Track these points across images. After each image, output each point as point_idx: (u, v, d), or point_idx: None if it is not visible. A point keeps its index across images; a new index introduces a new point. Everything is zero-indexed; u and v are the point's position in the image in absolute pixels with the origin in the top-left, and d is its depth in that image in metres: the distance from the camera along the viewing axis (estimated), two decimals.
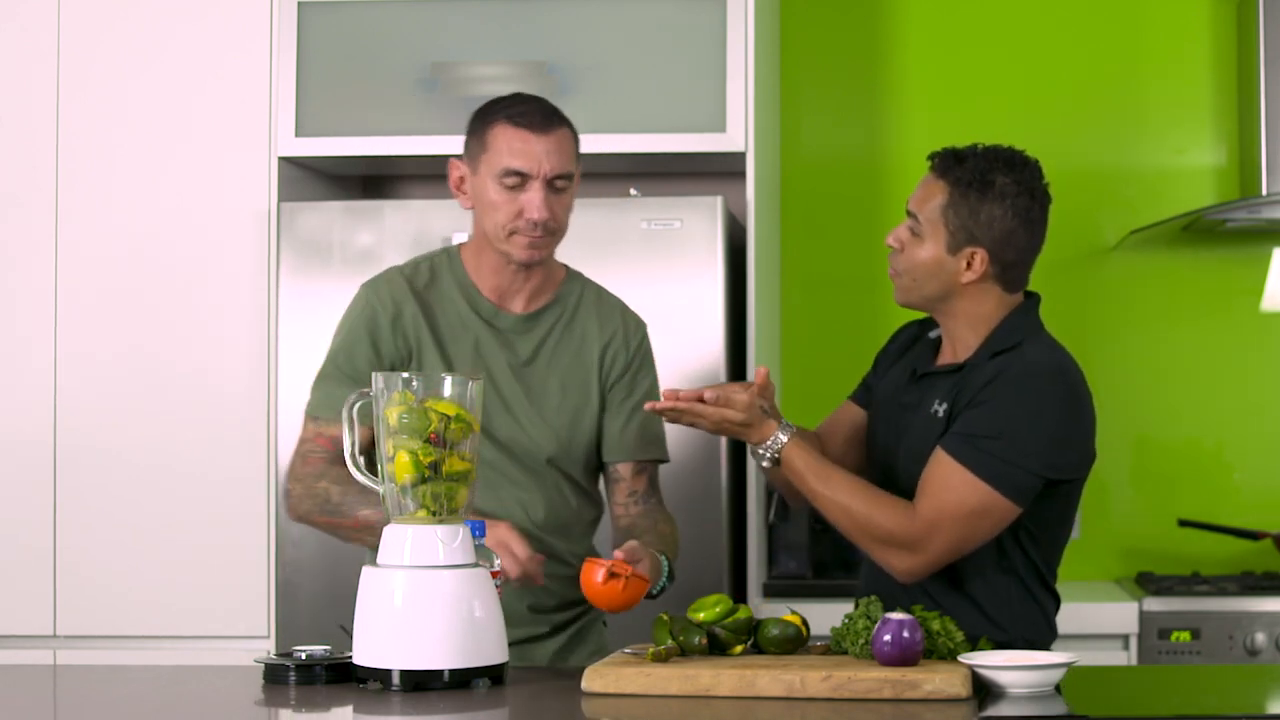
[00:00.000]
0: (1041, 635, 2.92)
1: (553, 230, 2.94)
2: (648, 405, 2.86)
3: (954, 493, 2.77)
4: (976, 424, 2.80)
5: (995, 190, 2.87)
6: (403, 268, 3.03)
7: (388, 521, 2.76)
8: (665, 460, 3.13)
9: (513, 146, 2.91)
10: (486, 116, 2.96)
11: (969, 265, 2.89)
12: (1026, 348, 2.89)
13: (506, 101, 2.97)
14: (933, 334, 3.04)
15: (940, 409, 2.88)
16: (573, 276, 3.07)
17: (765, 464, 2.87)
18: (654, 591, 2.86)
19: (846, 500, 2.83)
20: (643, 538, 2.95)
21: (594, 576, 2.67)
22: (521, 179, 2.90)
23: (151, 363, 4.08)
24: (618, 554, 2.73)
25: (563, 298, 3.04)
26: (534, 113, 2.94)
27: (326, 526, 2.95)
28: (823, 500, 2.84)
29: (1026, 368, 2.85)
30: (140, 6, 4.15)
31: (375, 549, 2.76)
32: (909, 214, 2.94)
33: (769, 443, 2.85)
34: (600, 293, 3.10)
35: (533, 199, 2.90)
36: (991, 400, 2.81)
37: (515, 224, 2.91)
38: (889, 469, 2.95)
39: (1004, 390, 2.81)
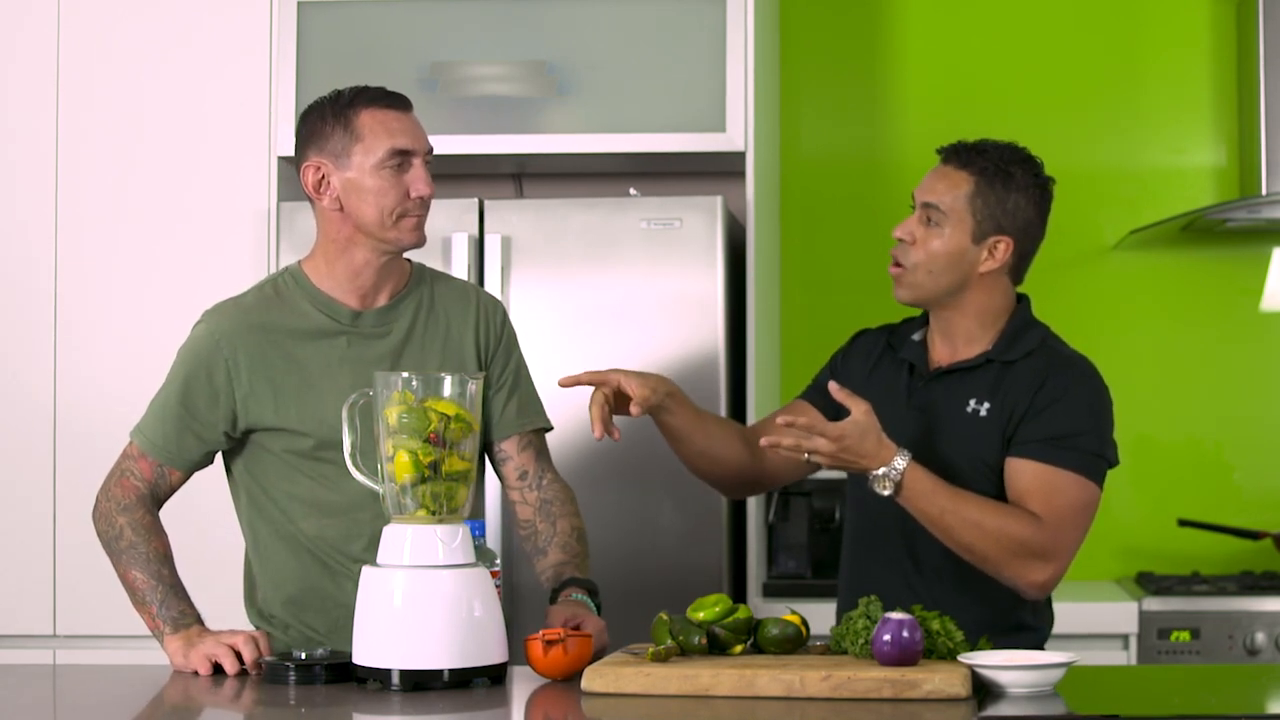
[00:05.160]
0: (1040, 626, 2.97)
1: (429, 206, 2.92)
2: (764, 442, 2.80)
3: (1065, 495, 2.82)
4: (1055, 426, 2.85)
5: (1017, 181, 2.93)
6: (241, 297, 2.98)
7: (148, 600, 2.84)
8: (549, 428, 3.09)
9: (391, 127, 2.87)
10: (345, 109, 2.89)
11: (991, 254, 2.91)
12: (1053, 345, 2.97)
13: (355, 92, 2.90)
14: (916, 336, 3.04)
15: (981, 407, 2.91)
16: (418, 267, 3.04)
17: (887, 490, 2.79)
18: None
19: (978, 515, 2.80)
20: (553, 564, 2.95)
21: (537, 653, 2.62)
22: (404, 158, 2.87)
23: (152, 363, 4.07)
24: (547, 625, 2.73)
25: (416, 286, 2.99)
26: (392, 95, 2.91)
27: (108, 555, 2.94)
28: (951, 518, 2.80)
29: (1071, 364, 2.93)
30: (140, 7, 4.16)
31: (132, 604, 2.87)
32: (924, 205, 2.94)
33: (889, 468, 2.78)
34: (449, 278, 3.07)
35: (419, 175, 2.87)
36: (1059, 399, 2.87)
37: (404, 205, 2.87)
38: None
39: (1065, 388, 2.88)
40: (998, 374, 2.92)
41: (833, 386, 2.83)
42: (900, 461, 2.79)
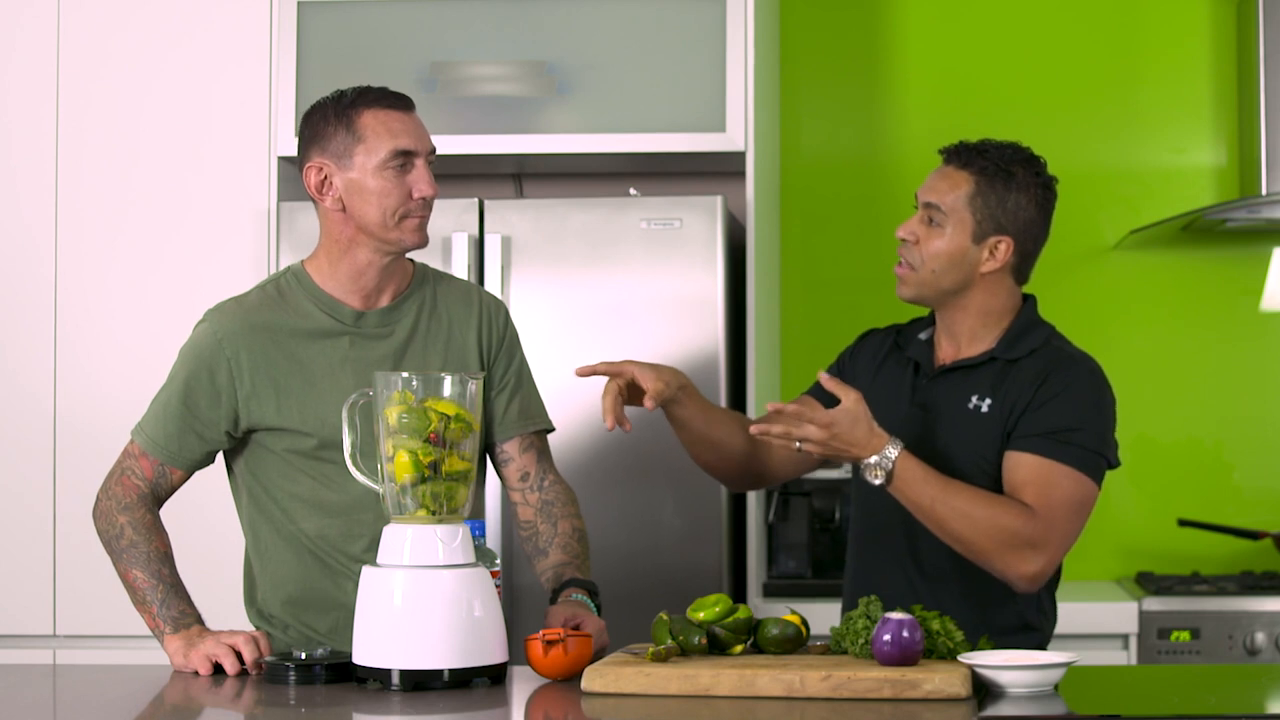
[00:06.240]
0: (1042, 628, 2.96)
1: (432, 206, 2.92)
2: (754, 429, 2.81)
3: (1060, 489, 2.81)
4: (1055, 420, 2.84)
5: (1018, 180, 2.92)
6: (243, 296, 2.97)
7: (148, 600, 2.84)
8: (551, 429, 3.09)
9: (393, 128, 2.87)
10: (347, 110, 2.88)
11: (992, 254, 2.91)
12: (1057, 343, 2.96)
13: (358, 92, 2.90)
14: (923, 335, 3.04)
15: (983, 404, 2.91)
16: (421, 267, 3.04)
17: (878, 479, 2.79)
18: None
19: (968, 505, 2.79)
20: (553, 565, 2.96)
21: (537, 653, 2.62)
22: (407, 158, 2.87)
23: (152, 363, 4.08)
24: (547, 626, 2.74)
25: (419, 286, 3.00)
26: (395, 95, 2.90)
27: (108, 554, 2.94)
28: (942, 508, 2.79)
29: (1075, 361, 2.92)
30: (140, 7, 4.16)
31: (133, 604, 2.87)
32: (925, 205, 2.94)
33: (880, 457, 2.78)
34: (452, 279, 3.07)
35: (421, 175, 2.87)
36: (1060, 395, 2.86)
37: (407, 206, 2.87)
38: None
39: (1066, 384, 2.87)
40: (1000, 371, 2.92)
41: (822, 376, 2.84)
42: (892, 450, 2.79)
